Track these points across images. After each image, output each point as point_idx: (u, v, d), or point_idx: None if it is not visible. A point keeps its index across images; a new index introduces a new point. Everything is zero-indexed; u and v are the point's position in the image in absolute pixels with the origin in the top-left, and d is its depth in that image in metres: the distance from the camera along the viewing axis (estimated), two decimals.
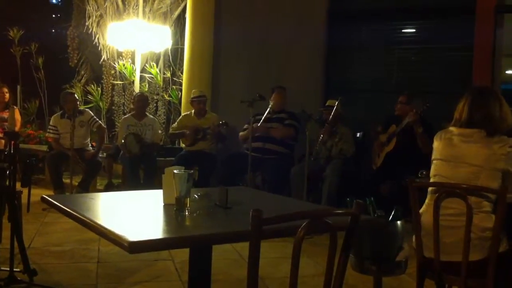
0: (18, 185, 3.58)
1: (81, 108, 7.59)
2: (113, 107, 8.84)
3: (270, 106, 6.47)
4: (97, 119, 7.30)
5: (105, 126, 7.72)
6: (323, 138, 6.22)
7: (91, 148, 7.15)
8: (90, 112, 7.34)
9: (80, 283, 3.79)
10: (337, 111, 6.15)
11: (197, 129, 6.85)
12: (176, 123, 7.36)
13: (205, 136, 6.82)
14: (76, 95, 7.31)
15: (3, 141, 6.48)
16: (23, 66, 9.47)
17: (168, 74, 8.65)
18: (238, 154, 6.48)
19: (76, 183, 6.80)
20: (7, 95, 7.15)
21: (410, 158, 5.42)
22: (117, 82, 8.78)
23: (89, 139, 7.20)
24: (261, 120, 6.36)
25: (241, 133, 6.74)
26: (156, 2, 8.53)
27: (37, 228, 5.28)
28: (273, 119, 6.42)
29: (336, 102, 6.24)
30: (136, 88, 8.17)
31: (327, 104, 6.35)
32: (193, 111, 7.13)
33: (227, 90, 7.82)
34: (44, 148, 7.74)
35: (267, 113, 6.40)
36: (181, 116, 7.44)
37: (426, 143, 5.23)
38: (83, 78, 9.33)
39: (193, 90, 7.24)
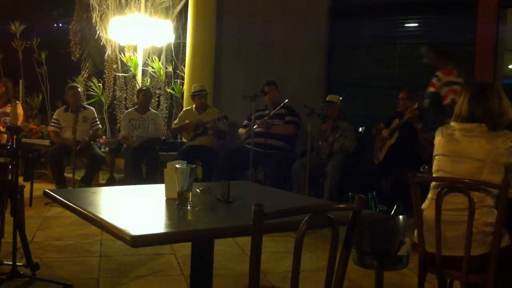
0: (20, 180, 3.59)
1: (85, 103, 7.59)
2: (115, 102, 8.84)
3: (266, 105, 6.54)
4: (99, 123, 7.32)
5: (101, 128, 7.73)
6: (325, 134, 6.23)
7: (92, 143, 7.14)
8: (94, 112, 7.34)
9: (83, 277, 3.80)
10: (339, 107, 6.18)
11: (198, 124, 6.86)
12: (177, 118, 7.37)
13: (206, 131, 6.82)
14: (79, 89, 7.30)
15: (5, 135, 6.50)
16: (26, 60, 9.47)
17: (170, 69, 8.65)
18: (240, 149, 6.48)
19: (79, 178, 6.81)
20: (3, 89, 7.12)
21: (412, 153, 5.42)
22: (119, 74, 8.76)
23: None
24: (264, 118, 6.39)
25: (240, 130, 6.74)
26: None
27: (40, 222, 5.30)
28: (273, 115, 6.43)
29: (339, 98, 6.26)
30: (138, 82, 8.18)
31: (327, 99, 6.35)
32: (194, 106, 7.14)
33: (229, 84, 7.82)
34: (47, 142, 7.74)
35: (267, 111, 6.46)
36: (182, 112, 7.44)
37: (426, 138, 5.24)
38: (85, 72, 9.33)
39: (194, 85, 7.24)
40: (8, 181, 3.51)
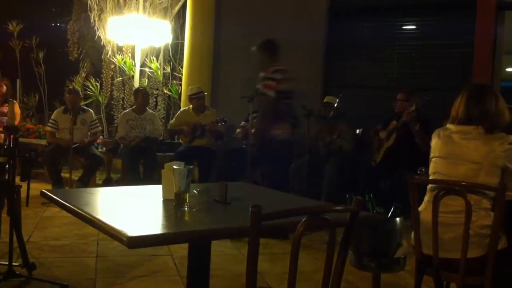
0: (17, 179, 3.58)
1: (82, 103, 7.57)
2: (113, 102, 8.83)
3: None
4: (98, 125, 7.31)
5: (101, 129, 7.74)
6: (322, 135, 6.22)
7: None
8: (93, 114, 7.33)
9: (79, 277, 3.79)
10: (337, 108, 6.19)
11: (195, 127, 6.82)
12: (174, 119, 7.34)
13: (203, 134, 6.80)
14: (79, 92, 7.28)
15: (2, 135, 6.48)
16: (23, 60, 9.46)
17: (168, 69, 8.64)
18: (238, 149, 6.47)
19: (76, 178, 6.80)
20: (5, 88, 7.12)
21: (410, 155, 5.42)
22: (117, 78, 8.76)
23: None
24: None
25: (237, 131, 6.73)
26: None
27: (36, 222, 5.28)
28: None
29: (336, 100, 6.26)
30: (136, 83, 8.17)
31: (325, 100, 6.36)
32: (191, 106, 7.10)
33: (227, 85, 7.81)
34: (44, 142, 7.74)
35: None
36: (179, 112, 7.40)
37: (423, 140, 5.24)
38: (83, 72, 9.32)
39: (190, 87, 7.20)
40: (5, 180, 3.50)
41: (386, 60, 7.28)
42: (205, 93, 7.15)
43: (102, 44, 8.76)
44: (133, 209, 2.22)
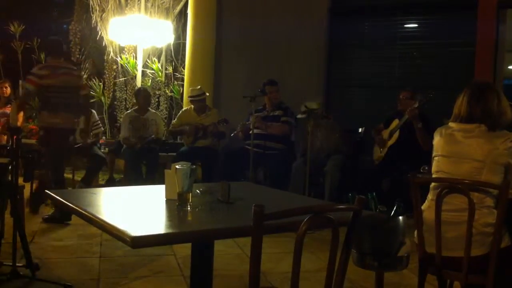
0: (20, 180, 3.58)
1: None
2: (115, 102, 8.83)
3: (264, 104, 6.53)
4: (100, 126, 7.31)
5: (103, 129, 7.75)
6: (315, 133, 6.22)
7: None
8: (96, 114, 7.32)
9: (83, 278, 3.80)
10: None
11: (197, 128, 6.82)
12: (176, 119, 7.34)
13: (206, 135, 6.80)
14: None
15: (5, 136, 6.49)
16: (25, 61, 9.46)
17: (170, 69, 8.64)
18: (240, 149, 6.49)
19: (78, 178, 6.80)
20: (8, 90, 7.13)
21: (412, 154, 5.42)
22: (119, 78, 8.76)
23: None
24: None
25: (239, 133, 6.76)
26: None
27: (40, 222, 5.29)
28: (269, 117, 6.44)
29: (319, 103, 6.23)
30: (138, 83, 8.17)
31: (306, 107, 6.09)
32: (192, 106, 7.10)
33: (229, 85, 7.82)
34: None
35: (264, 111, 6.47)
36: (180, 112, 7.40)
37: (425, 139, 5.23)
38: (85, 73, 9.32)
39: (191, 88, 7.18)
40: (8, 181, 3.51)
41: (387, 59, 7.27)
42: (207, 94, 7.13)
43: (104, 44, 8.77)
44: (136, 209, 2.22)
